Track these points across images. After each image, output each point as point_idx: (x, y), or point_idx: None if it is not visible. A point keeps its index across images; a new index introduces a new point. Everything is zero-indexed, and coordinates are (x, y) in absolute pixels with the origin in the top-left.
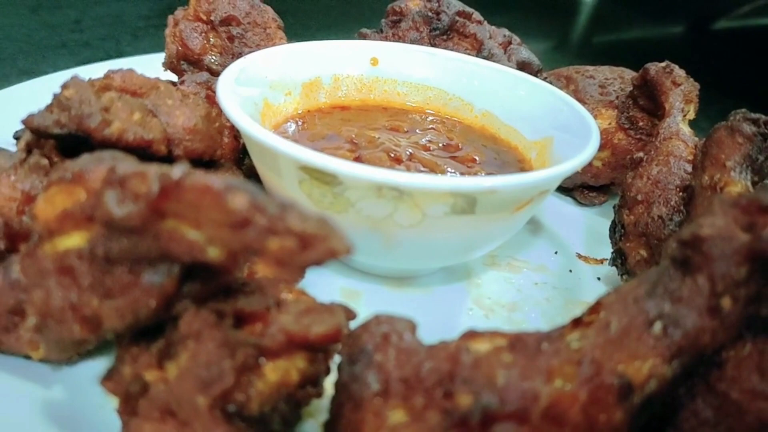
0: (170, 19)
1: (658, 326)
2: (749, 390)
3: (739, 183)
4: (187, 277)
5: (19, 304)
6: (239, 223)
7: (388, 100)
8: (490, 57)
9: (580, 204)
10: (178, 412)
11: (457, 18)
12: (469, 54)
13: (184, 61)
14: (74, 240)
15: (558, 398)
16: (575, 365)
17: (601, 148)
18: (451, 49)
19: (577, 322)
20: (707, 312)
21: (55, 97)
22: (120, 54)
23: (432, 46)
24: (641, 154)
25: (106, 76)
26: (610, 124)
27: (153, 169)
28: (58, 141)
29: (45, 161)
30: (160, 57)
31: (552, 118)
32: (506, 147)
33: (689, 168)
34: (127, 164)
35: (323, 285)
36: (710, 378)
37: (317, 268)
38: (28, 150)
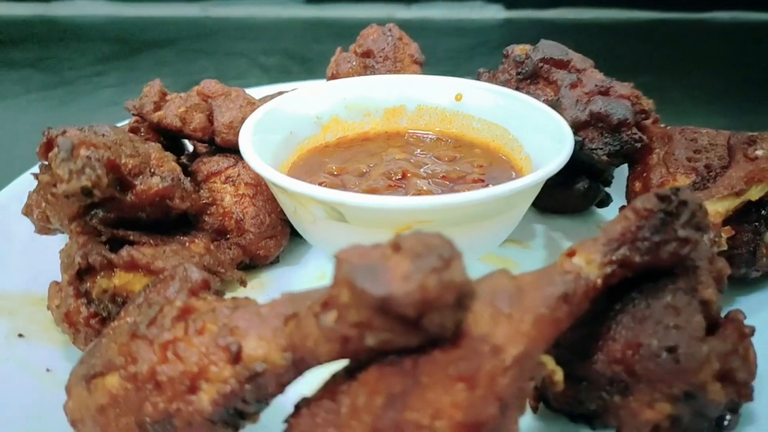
0: (338, 49)
1: (292, 323)
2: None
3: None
4: (97, 206)
5: None
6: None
7: (462, 133)
8: (556, 104)
9: None
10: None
11: (542, 64)
12: (549, 100)
13: None
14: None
15: (171, 342)
16: (220, 326)
17: None
18: (533, 93)
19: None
20: (338, 340)
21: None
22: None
23: (516, 89)
24: None
25: (201, 83)
26: None
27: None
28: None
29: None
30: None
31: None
32: None
33: None
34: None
35: (315, 262)
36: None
37: None
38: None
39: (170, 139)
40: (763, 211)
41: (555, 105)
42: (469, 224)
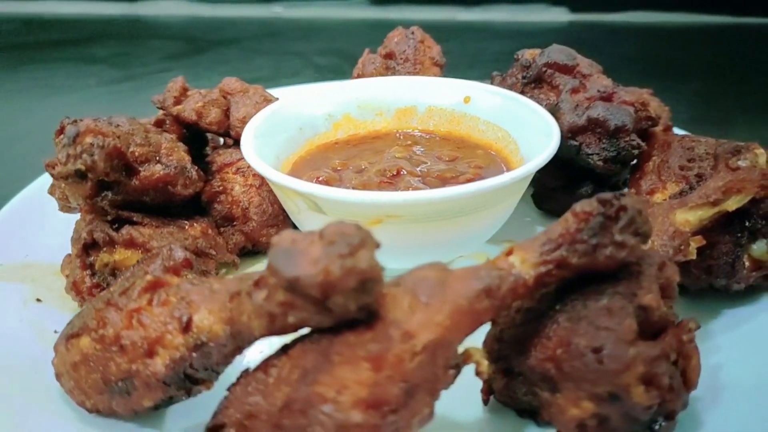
0: (366, 50)
1: (236, 300)
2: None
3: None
4: (108, 188)
5: None
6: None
7: (469, 135)
8: (555, 108)
9: None
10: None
11: (545, 69)
12: (550, 104)
13: None
14: None
15: (136, 310)
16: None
17: None
18: (536, 97)
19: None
20: (266, 316)
21: None
22: None
23: (522, 93)
24: None
25: (222, 81)
26: (664, 199)
27: (85, 123)
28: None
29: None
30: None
31: None
32: None
33: None
34: (90, 122)
35: None
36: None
37: None
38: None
39: (193, 132)
40: (747, 223)
41: (554, 109)
42: (442, 221)
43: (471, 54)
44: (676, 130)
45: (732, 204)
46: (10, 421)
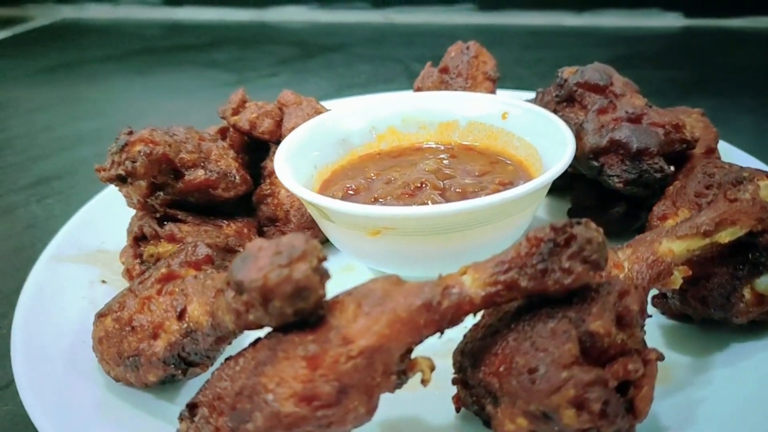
0: (428, 63)
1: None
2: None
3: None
4: (160, 189)
5: None
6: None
7: (504, 150)
8: (579, 129)
9: None
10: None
11: (576, 88)
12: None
13: None
14: None
15: (148, 298)
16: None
17: None
18: (567, 116)
19: None
20: (233, 312)
21: None
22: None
23: (554, 111)
24: None
25: (281, 93)
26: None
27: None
28: None
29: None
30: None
31: None
32: None
33: None
34: (145, 132)
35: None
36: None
37: None
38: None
39: (254, 140)
40: (750, 255)
41: (578, 129)
42: (437, 235)
43: (569, 61)
44: (733, 151)
45: (725, 236)
46: (57, 383)
